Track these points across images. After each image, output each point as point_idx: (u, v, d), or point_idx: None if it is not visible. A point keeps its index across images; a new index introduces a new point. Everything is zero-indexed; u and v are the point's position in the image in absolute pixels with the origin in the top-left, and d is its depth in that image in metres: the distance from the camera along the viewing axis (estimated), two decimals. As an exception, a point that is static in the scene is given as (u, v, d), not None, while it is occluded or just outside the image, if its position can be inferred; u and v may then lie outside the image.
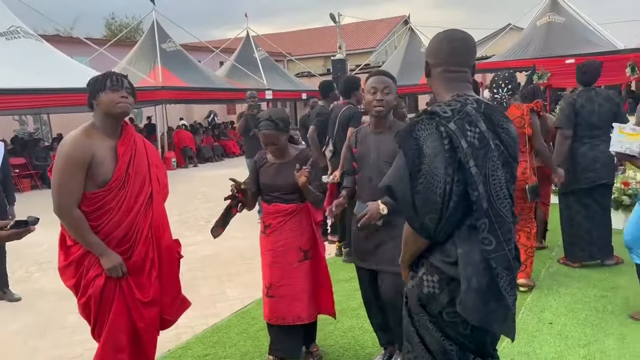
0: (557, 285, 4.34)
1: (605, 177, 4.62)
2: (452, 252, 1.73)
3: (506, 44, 20.45)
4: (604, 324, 3.58)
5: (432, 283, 1.78)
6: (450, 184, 1.66)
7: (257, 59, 20.36)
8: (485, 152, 1.70)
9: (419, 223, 1.71)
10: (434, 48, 1.88)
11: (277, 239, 3.14)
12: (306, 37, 32.93)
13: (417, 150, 1.68)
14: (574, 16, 18.41)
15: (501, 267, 1.70)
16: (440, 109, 1.72)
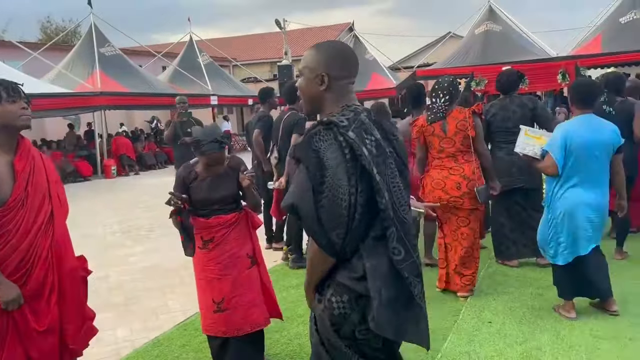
0: (495, 285, 4.48)
1: (522, 182, 4.78)
2: (359, 267, 1.67)
3: (447, 51, 21.06)
4: (540, 321, 3.72)
5: (342, 303, 1.70)
6: (355, 195, 1.61)
7: (201, 63, 20.08)
8: (383, 160, 1.68)
9: (326, 240, 1.63)
10: (340, 60, 1.79)
11: (223, 252, 3.06)
12: (252, 42, 32.77)
13: (318, 162, 1.62)
14: (510, 25, 19.20)
15: (413, 276, 1.69)
16: (337, 119, 1.67)
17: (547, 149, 3.61)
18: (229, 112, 25.12)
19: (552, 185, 3.66)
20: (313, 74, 1.78)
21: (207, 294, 3.10)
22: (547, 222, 3.73)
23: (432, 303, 4.09)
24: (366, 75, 21.24)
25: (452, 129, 4.01)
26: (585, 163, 3.52)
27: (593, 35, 17.60)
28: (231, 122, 23.68)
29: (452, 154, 4.04)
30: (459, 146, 4.02)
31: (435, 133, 4.07)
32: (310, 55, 1.80)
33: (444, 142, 4.04)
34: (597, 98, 3.86)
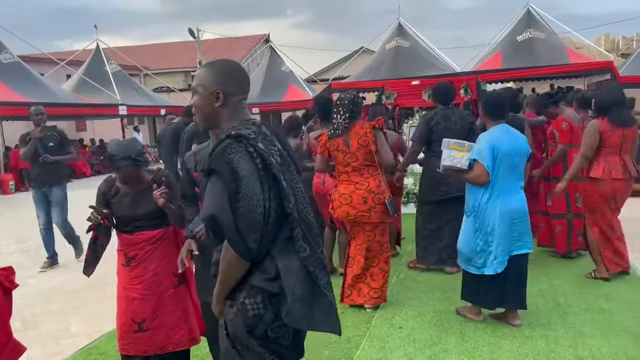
0: (406, 291, 4.64)
1: (457, 191, 4.91)
2: (271, 268, 1.78)
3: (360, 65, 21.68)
4: (447, 324, 3.89)
5: (256, 304, 1.79)
6: (269, 201, 1.73)
7: (109, 72, 19.19)
8: (287, 168, 1.85)
9: (245, 246, 1.72)
10: (233, 77, 1.89)
11: (146, 270, 2.93)
12: (164, 51, 31.84)
13: (233, 173, 1.70)
14: (417, 41, 20.14)
15: (318, 269, 1.84)
16: (246, 132, 1.77)
17: (476, 157, 3.60)
18: (139, 123, 24.21)
19: (479, 194, 3.64)
20: (207, 91, 1.85)
21: (127, 313, 2.94)
22: (474, 232, 3.68)
23: (347, 311, 4.17)
24: (283, 87, 21.38)
25: (355, 144, 4.03)
26: (509, 171, 3.60)
27: (494, 52, 18.89)
28: (142, 133, 22.83)
29: (357, 168, 4.07)
30: (363, 161, 4.05)
31: (339, 148, 4.08)
32: (204, 73, 1.88)
33: (348, 157, 4.07)
34: (507, 109, 4.02)
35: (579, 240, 5.22)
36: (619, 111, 4.42)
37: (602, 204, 4.49)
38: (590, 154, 4.49)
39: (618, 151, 4.45)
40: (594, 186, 4.48)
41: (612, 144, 4.42)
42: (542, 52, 17.76)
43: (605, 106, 4.45)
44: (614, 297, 4.21)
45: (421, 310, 4.17)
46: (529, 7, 19.15)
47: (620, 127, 4.40)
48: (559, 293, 4.37)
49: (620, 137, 4.41)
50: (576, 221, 5.20)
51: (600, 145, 4.43)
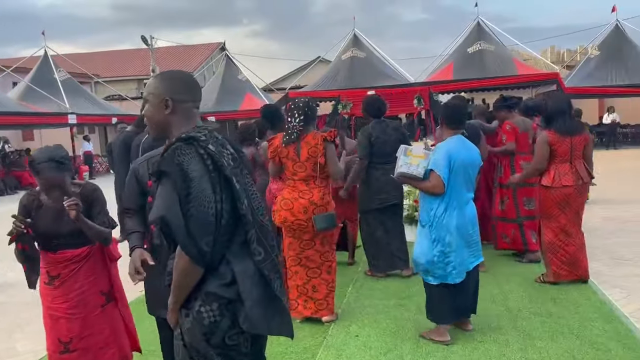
0: (362, 299, 4.67)
1: (395, 198, 5.19)
2: (227, 273, 1.77)
3: (317, 74, 21.83)
4: (402, 331, 3.93)
5: (212, 312, 1.77)
6: (220, 203, 1.73)
7: (58, 80, 18.61)
8: (240, 171, 1.86)
9: (197, 249, 1.70)
10: (182, 85, 1.91)
11: (71, 289, 2.79)
12: (117, 58, 31.15)
13: (182, 175, 1.70)
14: (373, 52, 20.47)
15: (272, 273, 1.84)
16: (197, 135, 1.79)
17: (432, 167, 3.57)
18: (90, 132, 23.52)
19: (434, 205, 3.59)
20: (157, 99, 1.87)
21: (53, 332, 2.81)
22: (431, 243, 3.61)
23: (304, 321, 4.14)
24: (240, 96, 21.27)
25: (305, 154, 3.97)
26: (463, 181, 3.60)
27: (446, 64, 19.42)
28: (93, 142, 22.18)
29: (304, 178, 4.01)
30: (310, 172, 3.98)
31: (289, 156, 4.00)
32: (154, 83, 1.91)
33: (297, 166, 4.00)
34: (465, 118, 4.06)
35: (532, 242, 5.42)
36: (565, 120, 4.55)
37: (555, 209, 4.59)
38: (542, 166, 4.59)
39: (568, 159, 4.56)
40: (546, 193, 4.61)
41: (561, 152, 4.53)
42: (491, 63, 18.41)
43: (552, 116, 4.59)
44: (561, 300, 4.36)
45: (377, 318, 4.20)
46: (479, 20, 19.80)
47: (567, 135, 4.53)
48: (509, 298, 4.49)
49: (569, 145, 4.54)
50: (527, 223, 5.40)
51: (551, 155, 4.56)
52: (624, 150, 18.42)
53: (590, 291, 4.52)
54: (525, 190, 5.36)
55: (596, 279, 4.80)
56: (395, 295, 4.70)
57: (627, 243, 6.12)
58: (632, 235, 6.48)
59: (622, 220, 7.28)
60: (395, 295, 4.70)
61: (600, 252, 5.69)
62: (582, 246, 4.68)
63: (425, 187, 3.63)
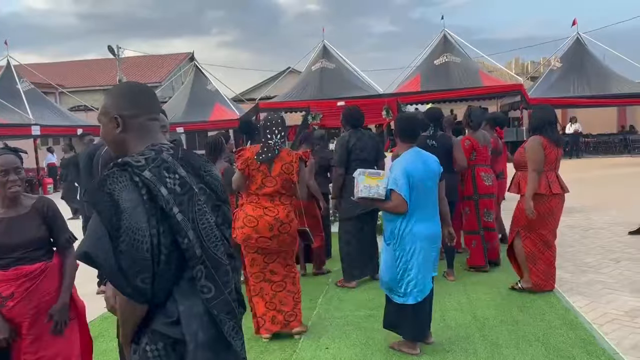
0: (332, 310, 4.66)
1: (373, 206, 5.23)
2: (174, 310, 1.62)
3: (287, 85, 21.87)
4: (372, 342, 3.93)
5: (157, 352, 1.63)
6: (157, 236, 1.56)
7: (21, 90, 18.17)
8: (189, 197, 1.65)
9: (131, 287, 1.55)
10: (129, 98, 1.77)
11: (27, 309, 2.63)
12: (82, 68, 30.60)
13: (113, 205, 1.54)
14: (342, 63, 20.64)
15: (223, 313, 1.67)
16: (133, 159, 1.62)
17: (392, 187, 3.53)
18: (54, 143, 22.97)
19: (397, 222, 3.55)
20: (107, 117, 1.76)
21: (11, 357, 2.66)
22: (395, 261, 3.58)
23: (274, 335, 4.10)
24: (209, 106, 21.14)
25: (277, 170, 3.94)
26: (423, 196, 3.56)
27: (413, 75, 19.73)
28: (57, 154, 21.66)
29: (269, 194, 3.94)
30: (279, 188, 3.95)
31: (259, 169, 3.93)
32: (103, 102, 1.79)
33: (267, 181, 3.94)
34: (419, 131, 4.05)
35: (490, 250, 5.56)
36: (554, 130, 4.59)
37: (540, 219, 4.55)
38: (542, 168, 4.51)
39: (554, 168, 4.61)
40: (535, 202, 4.49)
41: (550, 160, 4.54)
42: (458, 75, 18.79)
43: (540, 125, 4.58)
44: (527, 307, 4.43)
45: (346, 329, 4.19)
46: (445, 33, 20.20)
47: (556, 145, 4.58)
48: (476, 306, 4.55)
49: (556, 154, 4.58)
50: (487, 234, 5.51)
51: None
52: (586, 159, 18.99)
53: (555, 298, 4.61)
54: (486, 201, 5.46)
55: (560, 287, 4.91)
56: (365, 306, 4.71)
57: (589, 251, 6.28)
58: (594, 242, 6.67)
59: (584, 228, 7.49)
60: (365, 306, 4.71)
61: (564, 260, 5.82)
62: (555, 254, 4.78)
63: (389, 207, 3.57)
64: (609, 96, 18.45)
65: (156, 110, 1.82)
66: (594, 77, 18.99)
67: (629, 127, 22.27)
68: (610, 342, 3.70)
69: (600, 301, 4.56)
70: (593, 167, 16.09)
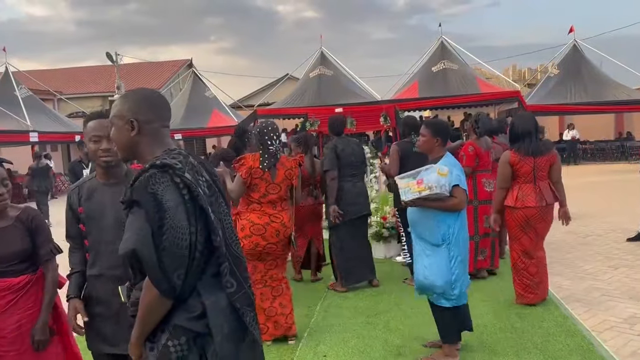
0: (330, 317, 4.64)
1: (366, 209, 5.47)
2: (196, 305, 1.70)
3: (285, 92, 21.88)
4: (369, 349, 3.91)
5: (180, 346, 1.68)
6: (195, 234, 1.66)
7: (19, 97, 18.16)
8: (215, 199, 1.79)
9: (168, 283, 1.63)
10: (146, 104, 1.83)
11: (7, 323, 2.53)
12: (81, 75, 30.54)
13: (157, 205, 1.62)
14: (340, 70, 20.67)
15: (245, 306, 1.78)
16: (172, 162, 1.69)
17: (457, 182, 3.44)
18: (52, 150, 22.94)
19: (451, 222, 3.46)
20: (122, 121, 1.81)
21: None
22: (449, 262, 3.47)
23: (272, 342, 4.08)
24: (207, 113, 21.13)
25: (281, 176, 4.00)
26: None
27: (411, 82, 19.76)
28: (55, 160, 21.63)
29: (272, 201, 3.98)
30: (282, 194, 4.02)
31: (263, 177, 3.95)
32: (118, 105, 1.84)
33: (270, 188, 3.97)
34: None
35: (479, 260, 5.48)
36: (531, 141, 4.52)
37: (517, 230, 4.57)
38: (505, 184, 4.60)
39: (532, 179, 4.53)
40: (509, 213, 4.59)
41: (523, 173, 4.52)
42: (455, 82, 18.82)
43: (517, 136, 4.58)
44: (525, 315, 4.42)
45: (344, 337, 4.17)
46: (442, 40, 20.26)
47: (530, 156, 4.51)
48: (474, 314, 4.48)
49: (532, 166, 4.51)
50: (482, 241, 5.48)
51: (514, 175, 4.56)
52: (584, 166, 19.02)
53: (553, 306, 4.60)
54: (485, 208, 5.43)
55: (558, 294, 4.90)
56: (363, 313, 4.69)
57: (587, 257, 6.27)
58: (592, 249, 6.66)
59: (582, 235, 7.48)
60: (363, 313, 4.69)
61: (562, 267, 5.82)
62: (544, 267, 4.68)
63: (451, 204, 3.44)
64: (606, 103, 18.47)
65: (169, 118, 1.89)
66: (591, 83, 19.03)
67: (626, 133, 22.32)
68: (609, 349, 3.69)
69: (598, 308, 4.55)
70: (590, 173, 16.12)
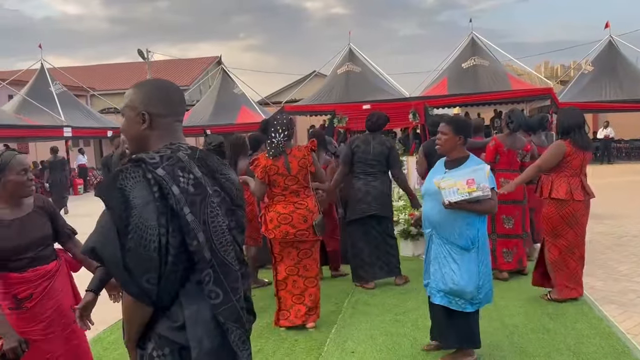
0: (358, 314, 4.63)
1: (375, 209, 5.24)
2: (179, 315, 1.57)
3: (312, 89, 21.90)
4: (397, 347, 3.89)
5: (164, 357, 1.59)
6: (166, 236, 1.52)
7: (54, 93, 18.62)
8: (202, 198, 1.60)
9: (137, 287, 1.51)
10: (159, 96, 1.72)
11: (45, 308, 2.62)
12: (113, 71, 31.20)
13: (124, 202, 1.51)
14: (368, 67, 20.57)
15: (230, 321, 1.61)
16: (147, 156, 1.59)
17: (493, 185, 3.37)
18: (85, 145, 23.49)
19: (479, 224, 3.38)
20: (133, 112, 1.70)
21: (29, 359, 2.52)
22: (478, 266, 3.38)
23: (299, 337, 4.12)
24: (235, 109, 21.31)
25: (296, 167, 4.14)
26: None
27: (440, 79, 19.53)
28: (87, 155, 22.14)
29: (295, 191, 4.16)
30: (302, 182, 4.18)
31: (279, 172, 4.12)
32: (131, 95, 1.73)
33: (289, 180, 4.14)
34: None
35: (504, 263, 5.32)
36: (582, 134, 4.48)
37: (563, 225, 4.49)
38: (546, 168, 4.51)
39: (579, 173, 4.51)
40: (556, 208, 4.48)
41: (574, 166, 4.46)
42: (485, 78, 18.52)
43: (569, 129, 4.49)
44: (557, 316, 4.33)
45: (372, 334, 4.16)
46: (473, 36, 19.96)
47: (582, 150, 4.47)
48: (504, 314, 4.46)
49: (581, 160, 4.47)
50: (502, 241, 5.33)
51: (562, 167, 4.47)
52: (618, 165, 18.53)
53: (586, 307, 4.50)
54: (505, 207, 5.20)
55: (592, 295, 4.79)
56: (391, 310, 4.67)
57: (622, 258, 6.12)
58: (627, 250, 6.49)
59: (617, 235, 7.29)
60: (391, 310, 4.67)
61: (596, 267, 5.68)
62: (581, 261, 4.64)
63: (488, 207, 3.35)
64: (643, 100, 17.94)
65: (183, 112, 1.80)
66: (627, 80, 18.50)
67: (664, 132, 21.66)
68: (645, 353, 3.59)
69: (634, 310, 4.44)
70: (625, 173, 15.68)
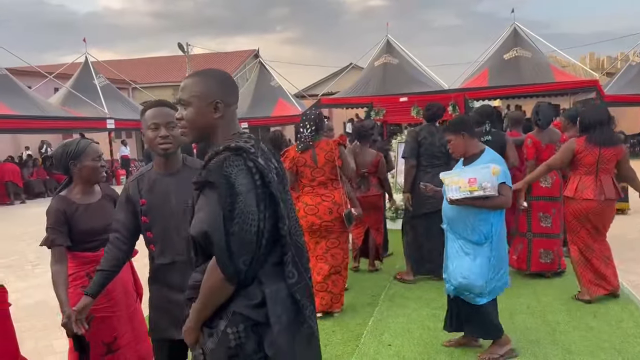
0: (395, 307, 4.62)
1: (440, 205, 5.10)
2: (257, 293, 1.67)
3: (349, 81, 21.79)
4: (435, 341, 3.86)
5: (238, 333, 1.66)
6: (264, 221, 1.63)
7: (97, 86, 19.17)
8: (283, 187, 1.76)
9: (234, 268, 1.60)
10: (228, 85, 1.78)
11: (116, 285, 2.72)
12: (154, 65, 31.83)
13: (229, 188, 1.59)
14: (405, 58, 20.30)
15: (305, 297, 1.75)
16: (245, 145, 1.66)
17: (505, 180, 3.35)
18: (127, 137, 24.11)
19: (494, 220, 3.39)
20: (205, 101, 1.73)
21: (96, 336, 2.70)
22: (490, 260, 3.39)
23: (336, 329, 4.14)
24: (272, 102, 21.47)
25: (322, 160, 4.31)
26: None
27: (480, 70, 19.11)
28: (130, 146, 22.72)
29: (322, 182, 4.33)
30: (329, 175, 4.33)
31: (307, 164, 4.32)
32: (198, 83, 1.75)
33: (315, 172, 4.33)
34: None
35: (540, 263, 5.19)
36: (601, 131, 4.33)
37: (575, 223, 4.42)
38: (555, 166, 4.61)
39: (593, 171, 4.34)
40: (567, 205, 4.48)
41: (587, 163, 4.34)
42: (528, 70, 18.00)
43: (588, 125, 4.39)
44: (602, 314, 4.22)
45: (409, 327, 4.14)
46: (515, 26, 19.43)
47: (597, 146, 4.31)
48: (547, 311, 4.37)
49: (596, 157, 4.31)
50: (538, 241, 5.19)
51: (576, 164, 4.40)
52: (667, 160, 17.78)
53: (633, 306, 4.36)
54: (541, 204, 5.15)
55: (639, 294, 4.63)
56: (429, 305, 4.63)
57: (671, 257, 5.88)
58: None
59: (665, 233, 7.01)
60: (428, 305, 4.64)
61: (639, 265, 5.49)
62: (607, 259, 4.47)
63: (499, 202, 3.33)
64: (695, 93, 17.11)
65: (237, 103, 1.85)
66: (678, 72, 17.70)
67: None
68: (696, 355, 3.46)
69: (684, 311, 4.27)
70: (675, 168, 15.04)
